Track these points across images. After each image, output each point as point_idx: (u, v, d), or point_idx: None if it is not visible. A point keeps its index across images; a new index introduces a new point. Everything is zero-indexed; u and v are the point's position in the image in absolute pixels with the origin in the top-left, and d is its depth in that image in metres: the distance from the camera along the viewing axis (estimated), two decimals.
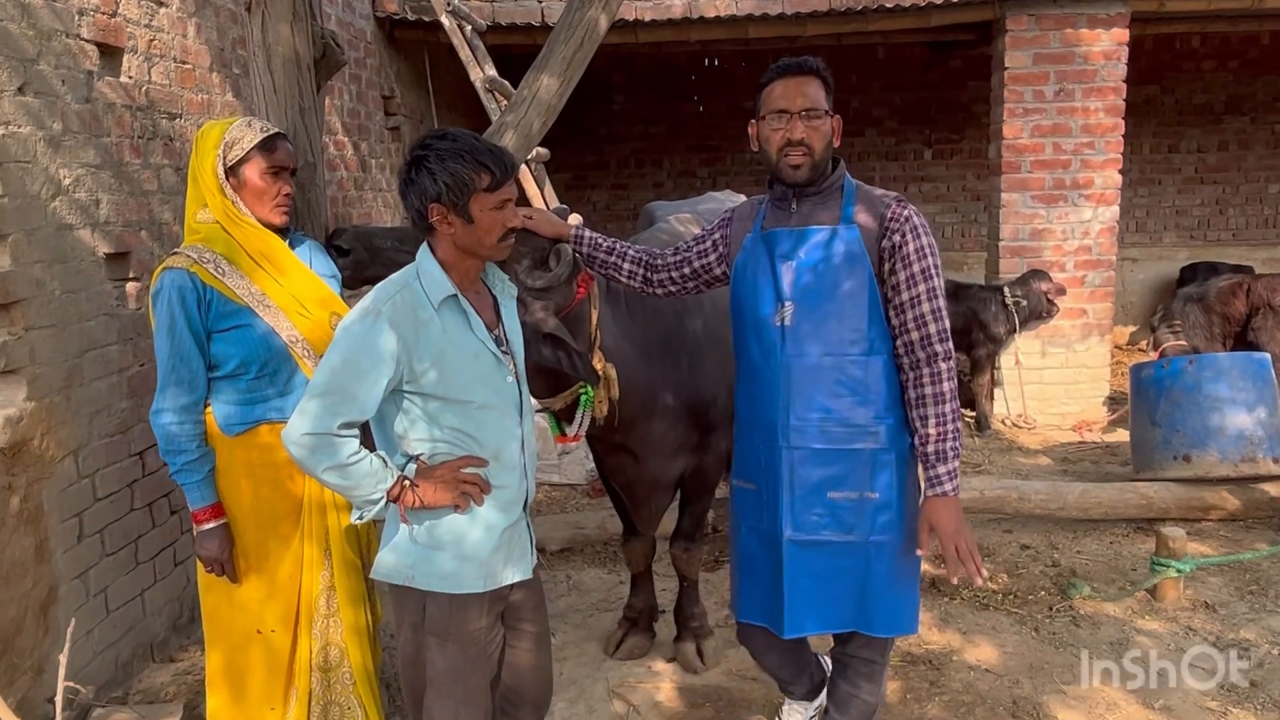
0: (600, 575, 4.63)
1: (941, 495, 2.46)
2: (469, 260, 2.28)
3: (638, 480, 3.49)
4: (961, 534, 2.45)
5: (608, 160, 10.84)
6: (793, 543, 2.57)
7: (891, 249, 2.47)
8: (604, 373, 2.99)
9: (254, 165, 2.55)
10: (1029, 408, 7.02)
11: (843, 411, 2.51)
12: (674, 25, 6.86)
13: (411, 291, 2.21)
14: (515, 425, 2.35)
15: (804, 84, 2.49)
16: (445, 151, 2.16)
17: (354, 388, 2.11)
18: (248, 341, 2.53)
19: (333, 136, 5.71)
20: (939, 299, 2.47)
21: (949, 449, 2.46)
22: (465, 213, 2.18)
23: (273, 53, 2.76)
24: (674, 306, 3.32)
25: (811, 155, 2.49)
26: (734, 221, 2.78)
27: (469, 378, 2.24)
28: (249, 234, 2.56)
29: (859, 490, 2.52)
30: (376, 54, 6.59)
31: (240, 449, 2.57)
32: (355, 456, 2.13)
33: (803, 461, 2.54)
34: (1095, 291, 6.94)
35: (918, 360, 2.48)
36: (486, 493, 2.27)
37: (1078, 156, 6.79)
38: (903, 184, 10.57)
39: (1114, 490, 4.94)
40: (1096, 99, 6.72)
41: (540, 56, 3.17)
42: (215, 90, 4.17)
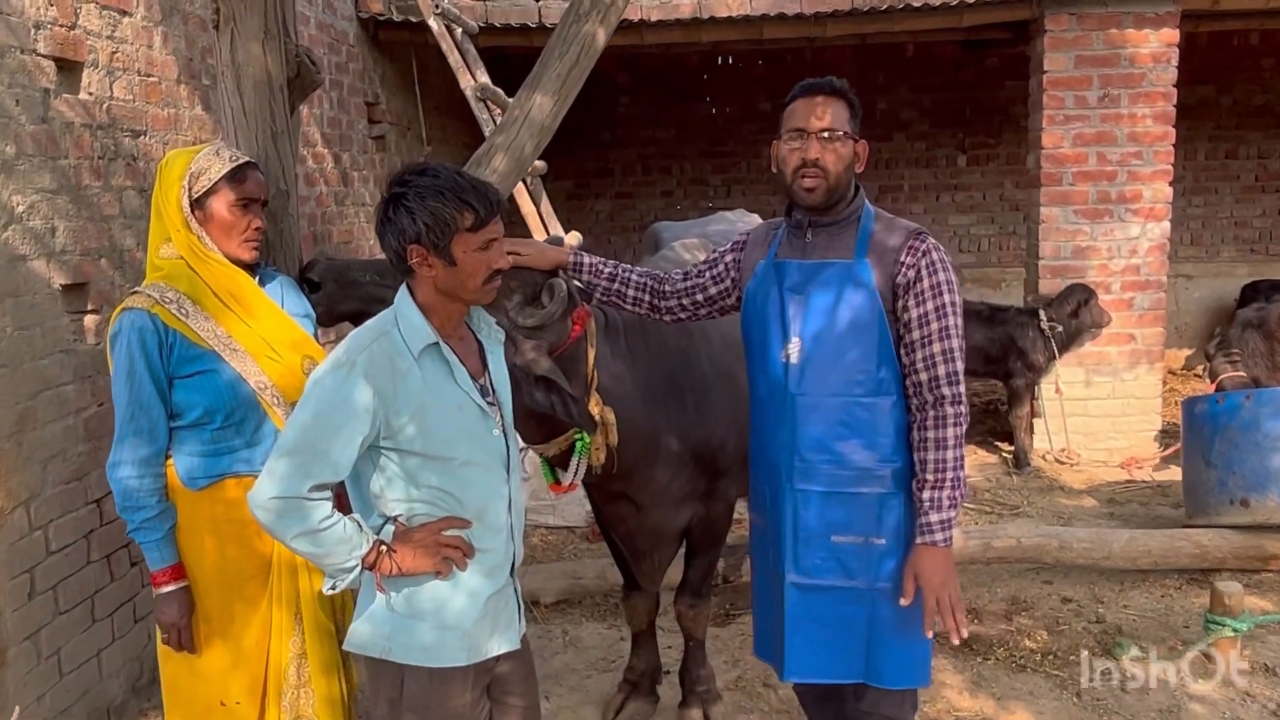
0: (600, 631, 4.62)
1: (930, 545, 2.52)
2: (452, 304, 2.29)
3: (639, 531, 3.49)
4: (947, 587, 2.51)
5: (612, 167, 10.89)
6: (795, 586, 2.66)
7: (906, 285, 2.54)
8: (601, 417, 3.00)
9: (222, 197, 2.58)
10: (1072, 442, 7.01)
11: (848, 454, 2.59)
12: (683, 26, 6.91)
13: (389, 340, 2.21)
14: (502, 483, 2.36)
15: (825, 104, 2.57)
16: (425, 189, 2.17)
17: (326, 446, 2.11)
18: (213, 388, 2.55)
19: (311, 148, 5.76)
20: (953, 339, 2.54)
21: (945, 499, 2.52)
22: (447, 254, 2.19)
23: (242, 73, 2.79)
24: (679, 343, 3.33)
25: (826, 178, 2.56)
26: (748, 246, 2.85)
27: (451, 432, 2.24)
28: (215, 271, 2.58)
29: (864, 535, 2.61)
30: (360, 58, 6.65)
31: (204, 504, 2.57)
32: (327, 521, 2.14)
33: (806, 504, 2.63)
34: (1144, 315, 6.94)
35: (924, 402, 2.55)
36: (470, 557, 2.27)
37: (1124, 168, 6.80)
38: (934, 193, 10.60)
39: (1164, 538, 4.92)
40: (1144, 105, 6.73)
41: (533, 73, 3.20)
42: (183, 104, 4.21)
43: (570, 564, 5.06)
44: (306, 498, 2.11)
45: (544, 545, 5.69)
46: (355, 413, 2.12)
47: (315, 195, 5.81)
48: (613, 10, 3.18)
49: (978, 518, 5.89)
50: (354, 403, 2.12)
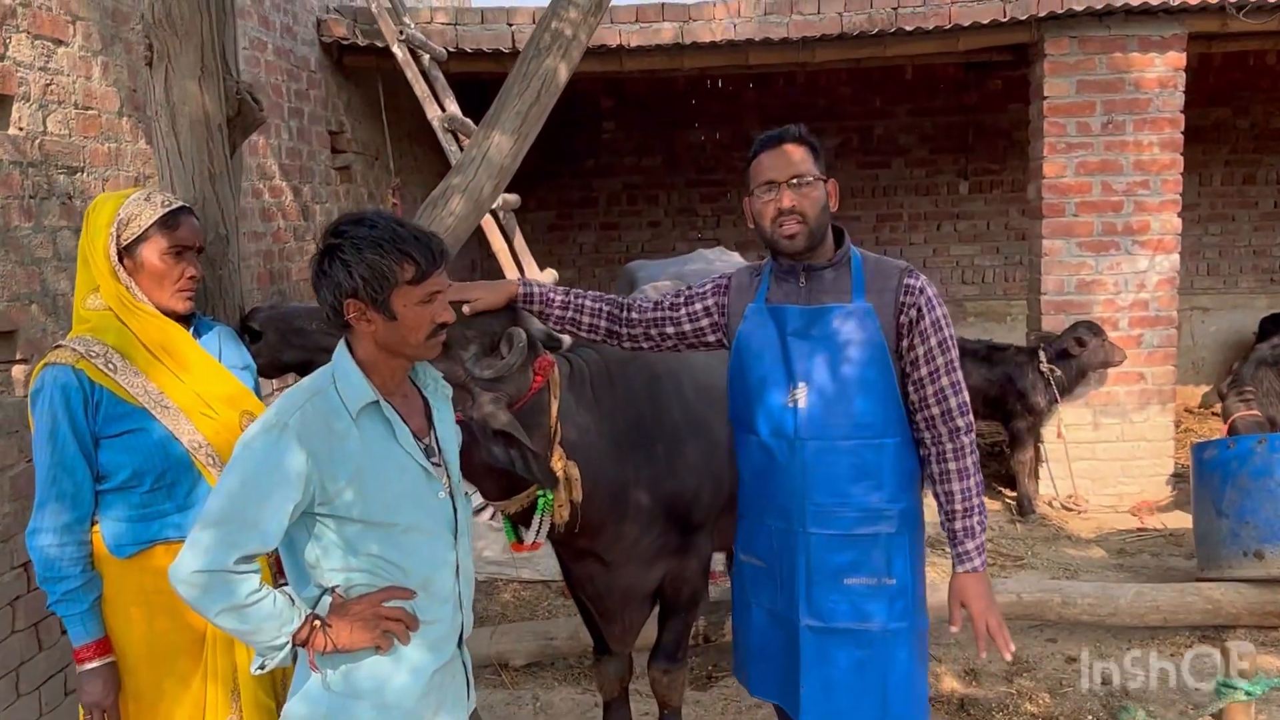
0: (573, 695, 4.58)
1: (972, 571, 2.75)
2: (394, 360, 2.28)
3: (609, 591, 3.47)
4: (991, 610, 2.74)
5: (596, 197, 10.93)
6: (810, 630, 2.81)
7: (909, 324, 2.73)
8: (565, 473, 3.00)
9: (153, 245, 2.57)
10: (1080, 487, 7.00)
11: (859, 496, 2.76)
12: (664, 52, 6.96)
13: (325, 399, 2.19)
14: (448, 549, 2.34)
15: (788, 153, 2.74)
16: (362, 240, 2.17)
17: (254, 515, 2.09)
18: (142, 448, 2.52)
19: (268, 181, 5.76)
20: (957, 372, 2.76)
21: (976, 524, 2.75)
22: (387, 309, 2.18)
23: (178, 113, 2.79)
24: (648, 390, 3.33)
25: (806, 222, 2.72)
26: (733, 291, 2.96)
27: (393, 496, 2.22)
28: (146, 323, 2.57)
29: (877, 576, 2.79)
30: (322, 84, 6.67)
31: (132, 574, 2.54)
32: (255, 596, 2.11)
33: (820, 547, 2.79)
34: (1154, 353, 6.96)
35: (940, 435, 2.75)
36: (413, 630, 2.25)
37: (1130, 198, 6.84)
38: (935, 221, 10.64)
39: (1174, 592, 4.90)
40: (1150, 132, 6.78)
41: (491, 111, 3.20)
42: (125, 138, 4.21)
43: (542, 624, 5.03)
44: (233, 570, 2.08)
45: (516, 602, 5.65)
46: (287, 478, 2.10)
47: (272, 231, 5.81)
48: (574, 45, 3.19)
49: None
50: (285, 467, 2.10)
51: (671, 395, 3.40)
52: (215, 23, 2.85)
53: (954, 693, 4.44)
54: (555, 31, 3.20)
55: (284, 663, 2.19)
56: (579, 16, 3.20)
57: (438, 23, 6.91)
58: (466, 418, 2.78)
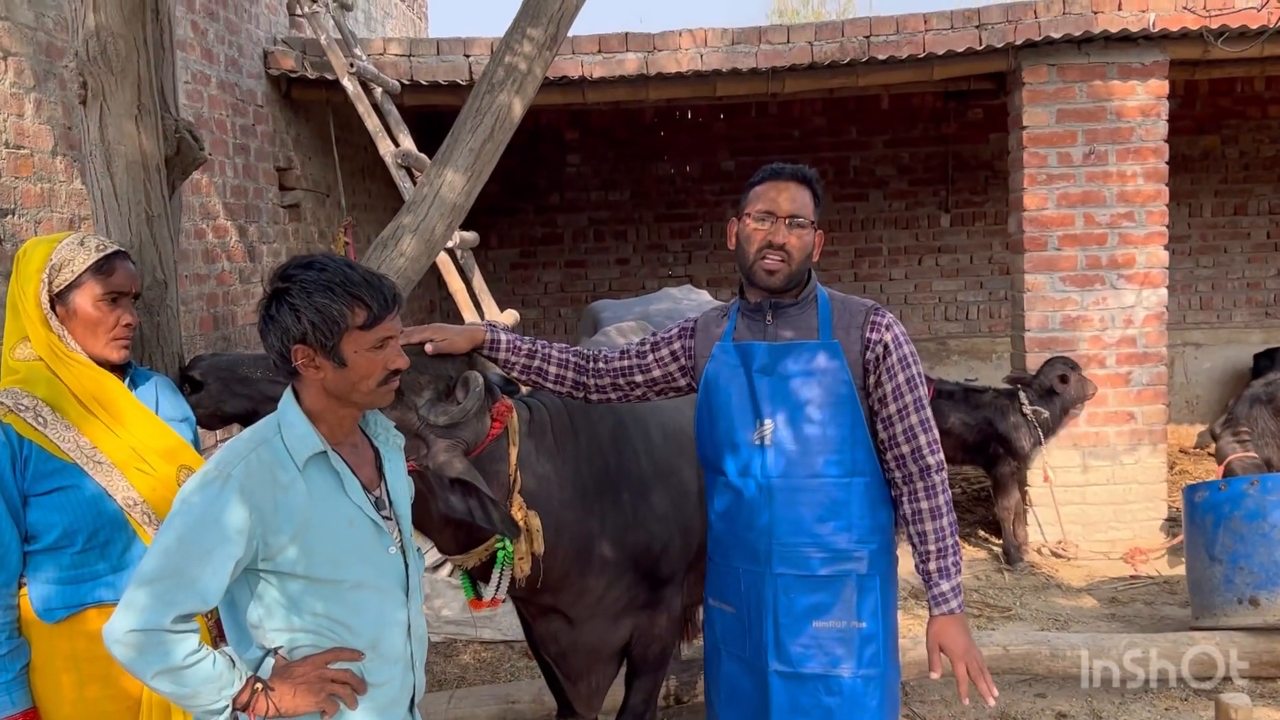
0: None
1: (949, 614, 2.81)
2: (343, 409, 2.30)
3: (573, 650, 3.49)
4: (971, 653, 2.79)
5: (561, 234, 11.01)
6: (779, 675, 2.87)
7: (875, 360, 2.85)
8: (525, 523, 3.02)
9: (86, 291, 2.59)
10: (1069, 533, 7.06)
11: (827, 536, 2.85)
12: (628, 83, 7.05)
13: (269, 449, 2.22)
14: (399, 607, 2.36)
15: (794, 191, 2.88)
16: (311, 284, 2.20)
17: (193, 572, 2.10)
18: (73, 506, 2.53)
19: (212, 221, 5.79)
20: (926, 409, 2.86)
21: (951, 565, 2.82)
22: (336, 355, 2.22)
23: (113, 153, 2.82)
24: (614, 436, 3.36)
25: (789, 263, 2.86)
26: (698, 331, 3.06)
27: (341, 552, 2.25)
28: (79, 374, 2.58)
29: (845, 619, 2.85)
30: (269, 119, 6.72)
31: (62, 639, 2.54)
32: (193, 657, 2.12)
33: (787, 589, 2.86)
34: (1144, 391, 7.05)
35: (910, 474, 2.85)
36: (360, 693, 2.26)
37: (1115, 230, 6.96)
38: (916, 255, 10.77)
39: (1168, 644, 4.94)
40: (1134, 162, 6.92)
41: (443, 148, 3.26)
42: (59, 178, 4.24)
43: (503, 687, 5.01)
44: (169, 630, 2.09)
45: (477, 664, 5.64)
46: (228, 534, 2.12)
47: (216, 273, 5.83)
48: (529, 80, 3.26)
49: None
50: (226, 522, 2.12)
51: (638, 441, 3.43)
52: (153, 59, 2.89)
53: None
54: (509, 66, 3.27)
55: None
56: (534, 50, 3.27)
57: (391, 54, 6.97)
58: (421, 467, 2.80)
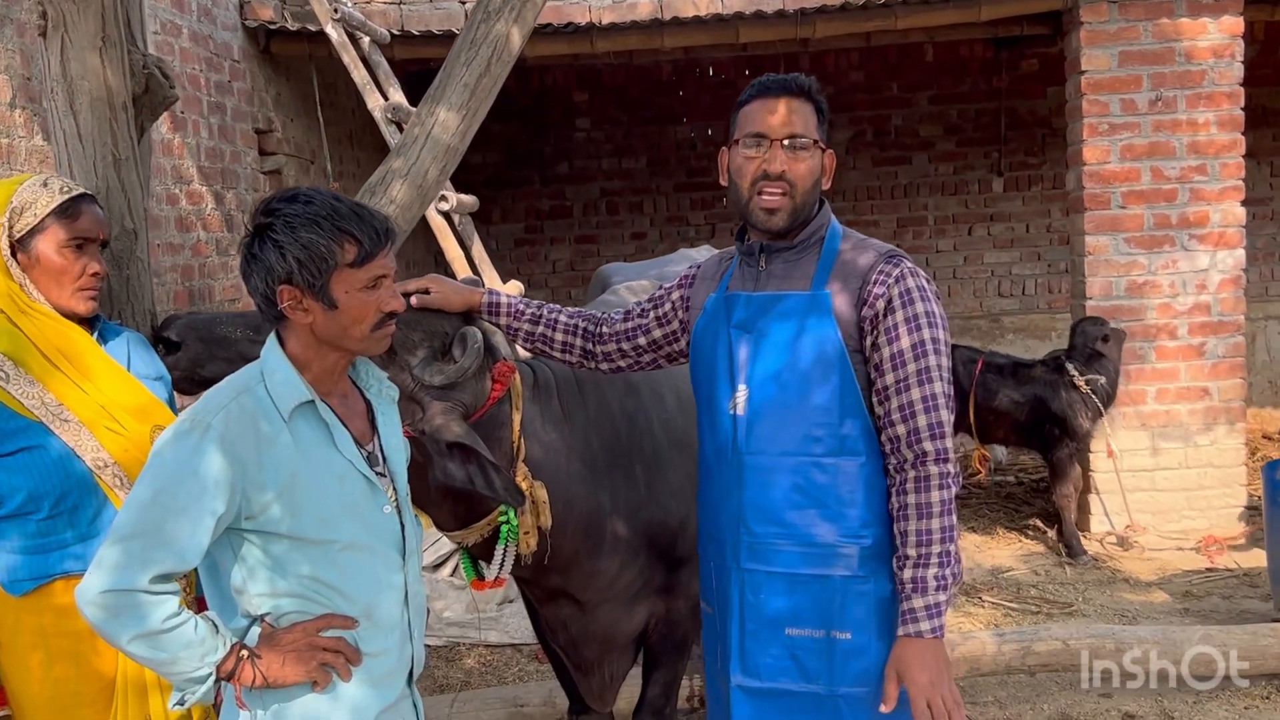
0: None
1: (916, 636, 2.53)
2: (332, 355, 2.33)
3: (584, 637, 3.52)
4: (938, 687, 2.50)
5: (570, 205, 11.03)
6: (742, 690, 2.69)
7: (874, 318, 2.60)
8: (530, 494, 3.04)
9: (50, 237, 2.64)
10: (1138, 522, 7.06)
11: (805, 526, 2.63)
12: (641, 30, 7.07)
13: (252, 398, 2.25)
14: (395, 571, 2.39)
15: (790, 105, 2.64)
16: (296, 218, 2.22)
17: (170, 529, 2.14)
18: (39, 468, 2.58)
19: (185, 186, 5.86)
20: (936, 383, 2.58)
21: (931, 579, 2.52)
22: (325, 296, 2.24)
23: (76, 89, 2.87)
24: (625, 404, 3.38)
25: (792, 196, 2.63)
26: (698, 280, 2.94)
27: (331, 510, 2.28)
28: (42, 326, 2.64)
29: (824, 628, 2.64)
30: (247, 75, 6.79)
31: (29, 613, 2.60)
32: (172, 621, 2.15)
33: (755, 588, 2.68)
34: (1219, 364, 7.04)
35: (903, 461, 2.59)
36: (354, 664, 2.30)
37: (1185, 185, 6.95)
38: (965, 225, 10.75)
39: (1246, 635, 4.95)
40: (1206, 108, 6.90)
41: (435, 85, 3.29)
42: (19, 132, 4.31)
43: (511, 689, 5.06)
44: (146, 591, 2.13)
45: (482, 668, 5.69)
46: (206, 487, 2.15)
47: (191, 243, 5.90)
48: (528, 7, 3.28)
49: (1020, 619, 5.92)
50: (206, 474, 2.15)
51: (651, 409, 3.45)
52: None
53: None
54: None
55: (205, 699, 2.24)
56: None
57: (379, 1, 7.02)
58: (416, 431, 2.83)
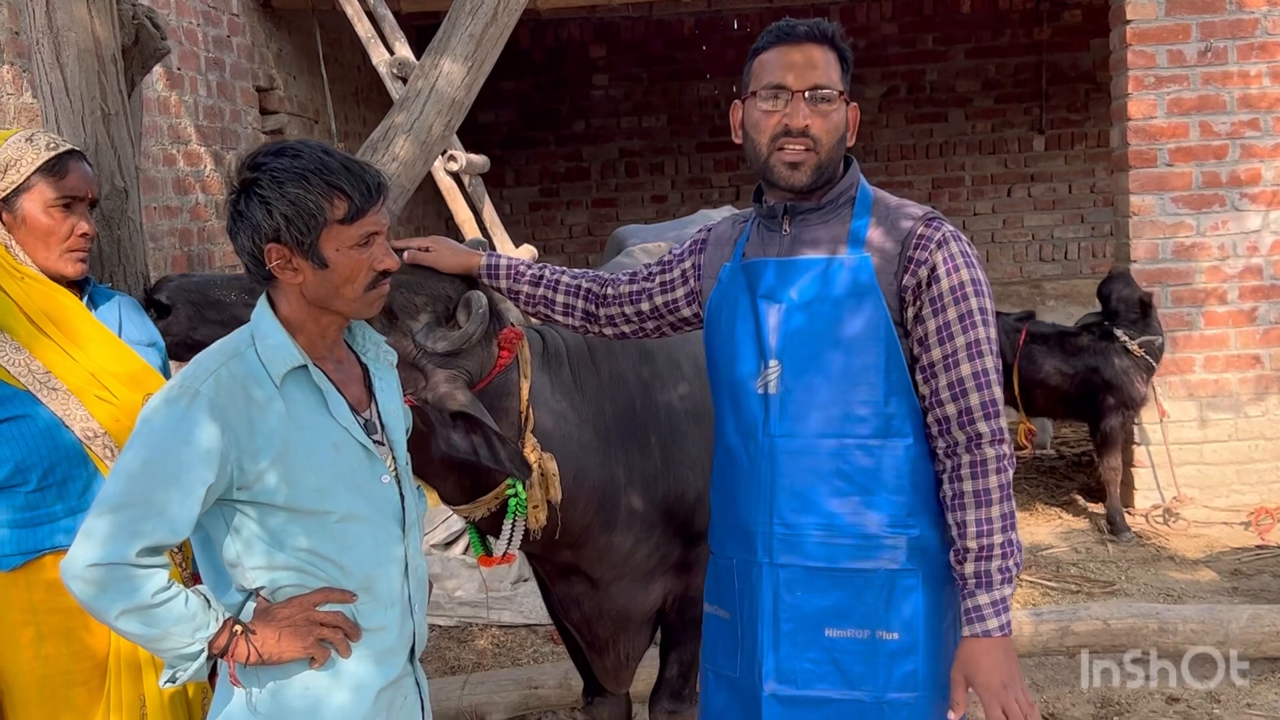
0: None
1: (984, 635, 2.45)
2: (325, 318, 2.33)
3: (597, 615, 3.53)
4: (1011, 689, 2.44)
5: (587, 167, 11.02)
6: (776, 699, 2.59)
7: (917, 286, 2.50)
8: (539, 466, 3.04)
9: (36, 195, 2.65)
10: (1185, 496, 7.04)
11: (848, 516, 2.54)
12: None
13: (243, 363, 2.25)
14: (394, 543, 2.40)
15: (811, 53, 2.53)
16: (282, 173, 2.22)
17: (160, 499, 2.15)
18: (26, 438, 2.60)
19: (183, 146, 5.87)
20: (986, 357, 2.49)
21: (996, 570, 2.45)
22: (315, 254, 2.24)
23: (62, 40, 2.87)
24: (640, 371, 3.38)
25: (817, 152, 2.52)
26: (709, 246, 2.85)
27: (327, 479, 2.28)
28: (29, 289, 2.65)
29: (869, 628, 2.55)
30: (247, 31, 6.78)
31: (18, 589, 2.62)
32: (163, 594, 2.16)
33: (791, 585, 2.58)
34: (1272, 330, 7.00)
35: (954, 444, 2.50)
36: (354, 639, 2.31)
37: (1236, 141, 6.89)
38: (1005, 185, 10.70)
39: None
40: (1259, 59, 6.84)
41: (440, 34, 3.29)
42: (6, 89, 4.32)
43: (524, 670, 5.09)
44: (135, 564, 2.13)
45: (495, 649, 5.72)
46: (197, 456, 2.15)
47: (190, 206, 5.91)
48: None
49: (1059, 598, 5.91)
50: (196, 442, 2.15)
51: (667, 377, 3.45)
52: None
53: None
54: None
55: (198, 676, 2.25)
56: None
57: None
58: (419, 400, 2.84)
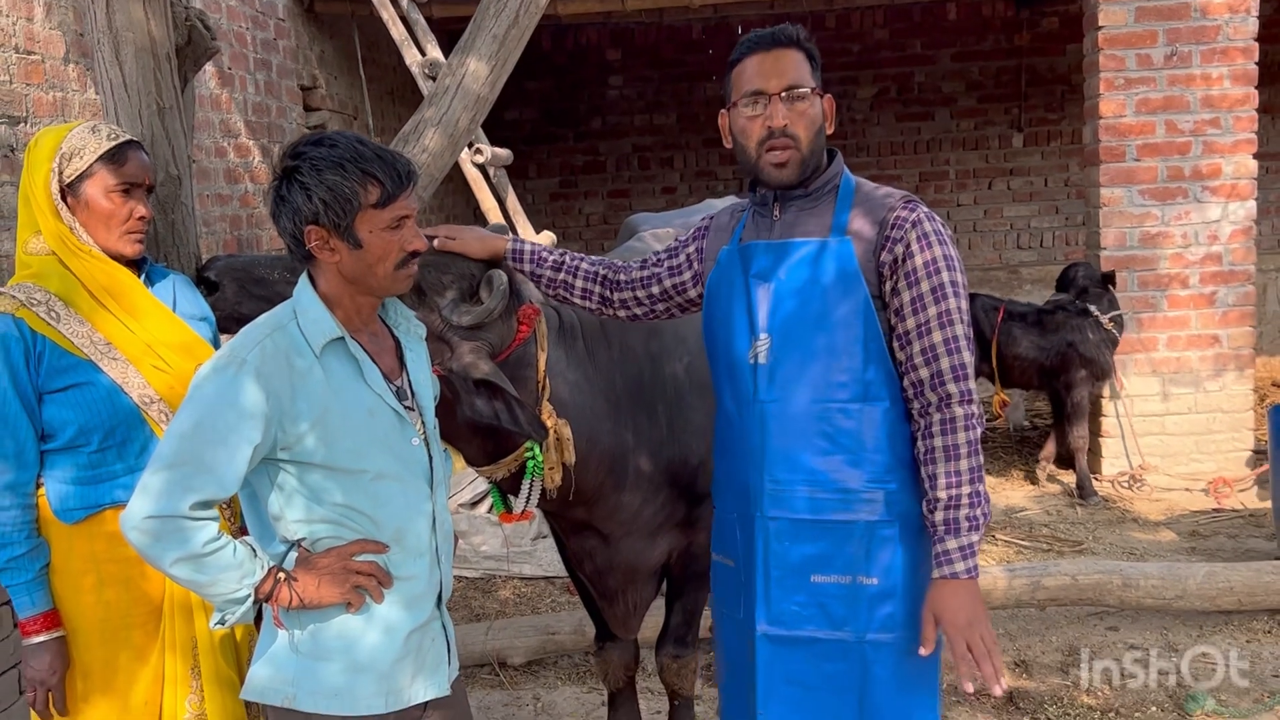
0: (577, 695, 4.68)
1: (951, 577, 2.49)
2: (360, 294, 2.36)
3: (609, 568, 3.55)
4: (975, 627, 2.47)
5: (603, 161, 11.01)
6: (767, 639, 2.65)
7: (894, 263, 2.54)
8: (555, 432, 3.06)
9: (98, 181, 2.65)
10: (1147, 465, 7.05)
11: (830, 472, 2.58)
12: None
13: (285, 335, 2.28)
14: (423, 499, 2.42)
15: (781, 58, 2.58)
16: (321, 161, 2.25)
17: (210, 457, 2.18)
18: (88, 403, 2.61)
19: (234, 139, 5.88)
20: (956, 326, 2.53)
21: (963, 519, 2.49)
22: (351, 235, 2.27)
23: (121, 39, 2.88)
24: (648, 345, 3.39)
25: (799, 148, 2.57)
26: (711, 232, 2.89)
27: (362, 441, 2.31)
28: (91, 267, 2.66)
29: (851, 574, 2.59)
30: (292, 34, 6.79)
31: (81, 540, 2.64)
32: (213, 544, 2.19)
33: (780, 535, 2.63)
34: (1229, 313, 6.99)
35: (927, 404, 2.54)
36: (386, 586, 2.33)
37: (1199, 138, 6.88)
38: (986, 179, 10.69)
39: (1249, 572, 4.94)
40: (1220, 63, 6.81)
41: (466, 36, 3.29)
42: (72, 86, 4.33)
43: (543, 618, 5.12)
44: (188, 517, 2.17)
45: (516, 599, 5.76)
46: (244, 418, 2.18)
47: (240, 194, 5.93)
48: None
49: (1031, 555, 5.92)
50: (242, 406, 2.18)
51: (674, 351, 3.45)
52: None
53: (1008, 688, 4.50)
54: None
55: (245, 618, 2.28)
56: None
57: None
58: (445, 370, 2.86)
